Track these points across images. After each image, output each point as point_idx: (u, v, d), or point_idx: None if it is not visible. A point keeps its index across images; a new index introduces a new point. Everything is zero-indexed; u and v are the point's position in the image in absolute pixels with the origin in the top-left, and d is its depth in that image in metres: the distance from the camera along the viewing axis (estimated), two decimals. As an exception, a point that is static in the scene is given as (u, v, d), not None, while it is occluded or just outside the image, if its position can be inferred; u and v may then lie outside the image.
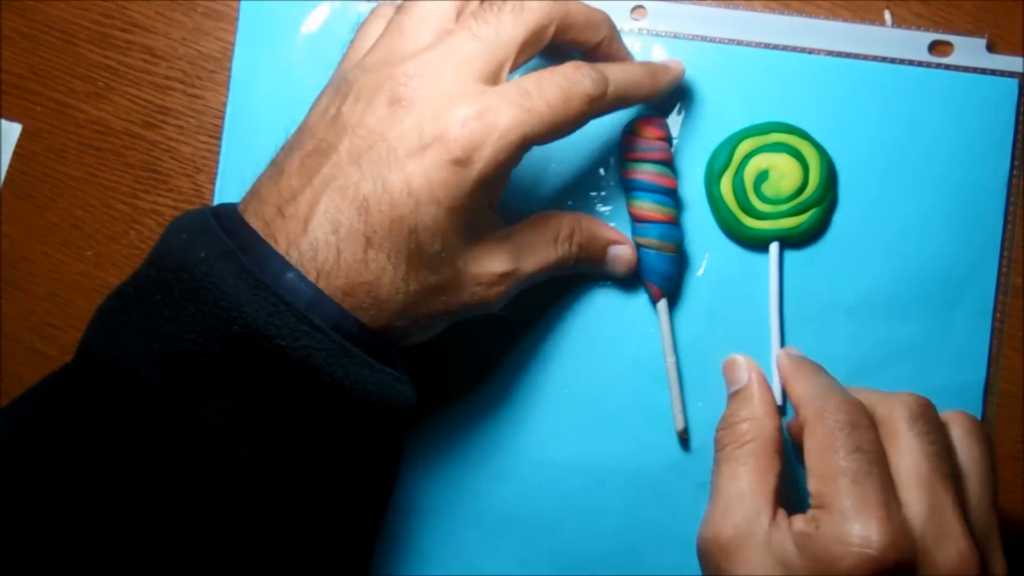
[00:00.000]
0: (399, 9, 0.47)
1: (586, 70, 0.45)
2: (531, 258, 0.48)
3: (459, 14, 0.46)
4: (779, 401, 0.52)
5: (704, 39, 0.54)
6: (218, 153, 0.56)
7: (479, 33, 0.44)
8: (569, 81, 0.44)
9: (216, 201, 0.55)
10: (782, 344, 0.52)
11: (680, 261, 0.53)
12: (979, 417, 0.52)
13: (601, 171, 0.54)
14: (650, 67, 0.50)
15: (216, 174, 0.56)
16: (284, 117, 0.55)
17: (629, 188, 0.52)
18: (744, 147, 0.53)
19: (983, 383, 0.52)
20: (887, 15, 0.54)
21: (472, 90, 0.43)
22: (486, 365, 0.53)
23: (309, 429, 0.42)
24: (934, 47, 0.54)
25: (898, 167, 0.53)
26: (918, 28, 0.54)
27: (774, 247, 0.53)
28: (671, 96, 0.54)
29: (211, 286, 0.39)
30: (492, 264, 0.46)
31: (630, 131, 0.52)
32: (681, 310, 0.53)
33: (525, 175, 0.54)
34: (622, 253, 0.51)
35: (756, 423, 0.46)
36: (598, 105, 0.45)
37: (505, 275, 0.46)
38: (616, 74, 0.46)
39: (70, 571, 0.39)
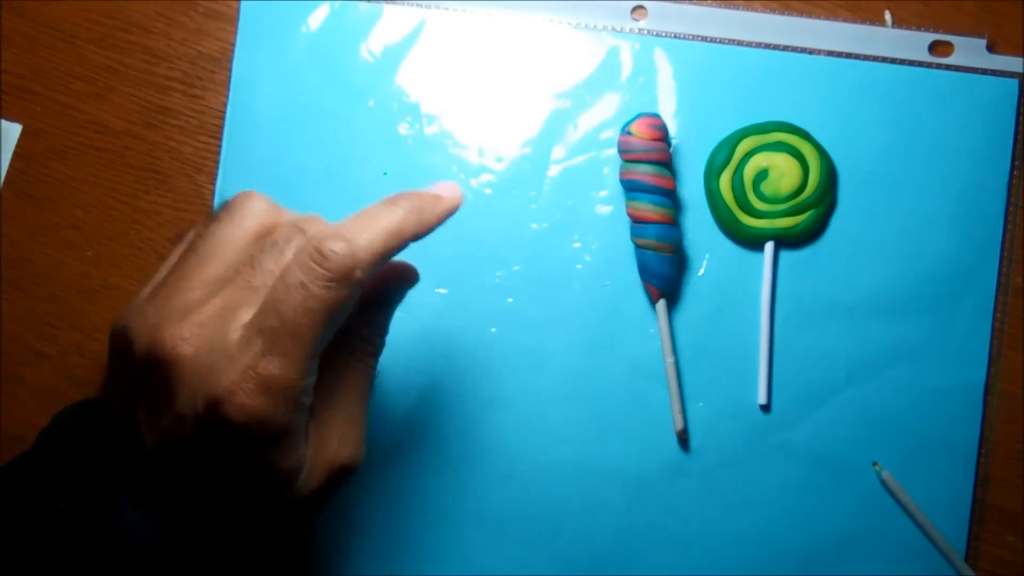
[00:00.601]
0: (189, 243, 0.43)
1: (322, 257, 0.39)
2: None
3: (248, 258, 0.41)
4: (763, 400, 0.52)
5: (704, 39, 0.54)
6: (218, 153, 0.56)
7: (253, 283, 0.40)
8: (306, 290, 0.39)
9: (216, 201, 0.55)
10: (772, 342, 0.52)
11: (678, 262, 0.53)
12: (979, 417, 0.52)
13: (604, 171, 0.54)
14: (416, 203, 0.43)
15: (216, 174, 0.56)
16: (284, 117, 0.55)
17: (627, 189, 0.52)
18: (745, 144, 0.53)
19: (983, 383, 0.52)
20: (887, 15, 0.54)
21: (242, 354, 0.39)
22: (485, 365, 0.53)
23: None
24: (934, 47, 0.54)
25: (898, 167, 0.53)
26: (918, 28, 0.54)
27: (769, 246, 0.53)
28: (671, 96, 0.54)
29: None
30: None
31: (627, 132, 0.52)
32: (681, 311, 0.53)
33: (530, 176, 0.54)
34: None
35: None
36: (355, 284, 0.40)
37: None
38: (365, 237, 0.40)
39: None
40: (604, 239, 0.54)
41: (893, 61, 0.54)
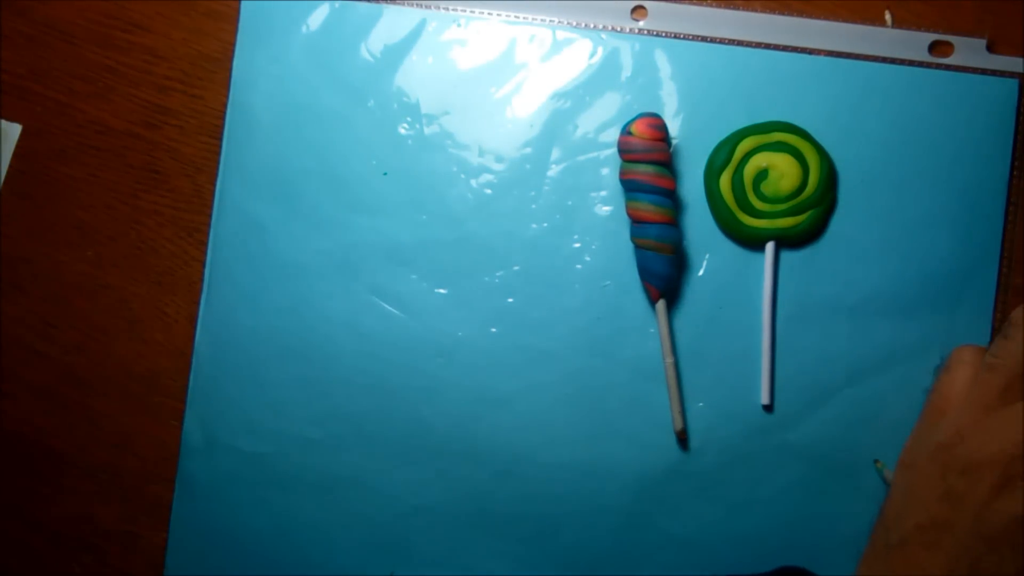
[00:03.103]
0: None
1: None
2: None
3: None
4: (767, 400, 0.52)
5: (704, 39, 0.54)
6: (218, 153, 0.56)
7: None
8: None
9: (216, 201, 0.55)
10: (773, 341, 0.52)
11: (678, 262, 0.53)
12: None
13: (604, 171, 0.54)
14: None
15: (216, 174, 0.56)
16: (284, 117, 0.55)
17: (627, 189, 0.52)
18: (745, 144, 0.53)
19: (983, 383, 0.52)
20: (887, 15, 0.54)
21: None
22: (485, 365, 0.53)
23: None
24: (934, 47, 0.54)
25: (898, 167, 0.53)
26: (918, 28, 0.54)
27: (770, 246, 0.53)
28: (671, 96, 0.54)
29: None
30: None
31: (628, 132, 0.52)
32: (681, 311, 0.53)
33: (530, 176, 0.54)
34: None
35: None
36: None
37: None
38: None
39: None
40: (604, 239, 0.54)
41: (893, 61, 0.54)
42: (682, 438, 0.52)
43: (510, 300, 0.54)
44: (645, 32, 0.55)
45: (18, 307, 0.56)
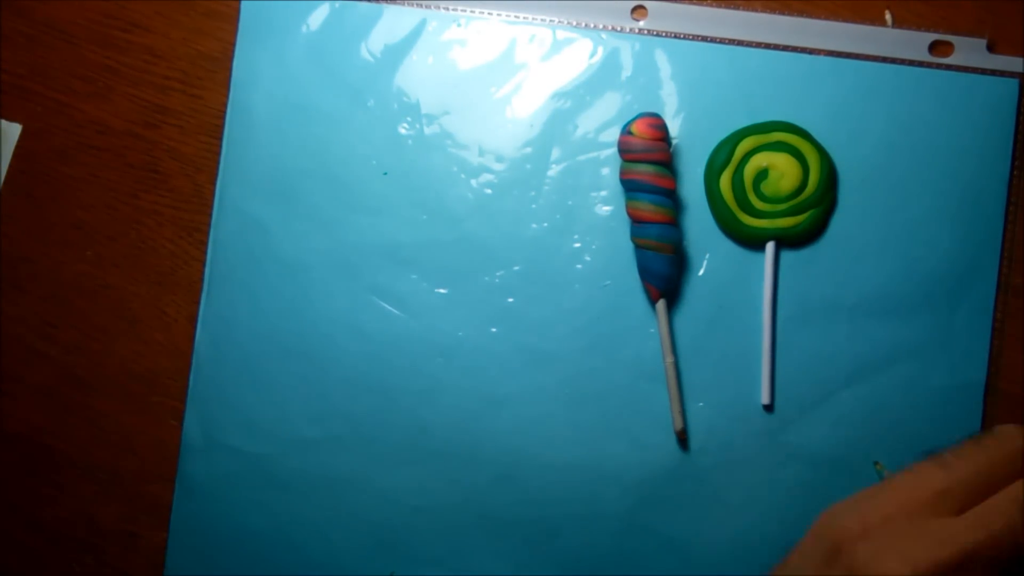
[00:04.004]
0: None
1: None
2: None
3: None
4: (767, 400, 0.52)
5: (704, 39, 0.54)
6: (218, 153, 0.56)
7: None
8: None
9: (216, 200, 0.55)
10: (774, 342, 0.52)
11: (678, 261, 0.53)
12: (979, 417, 0.52)
13: (604, 171, 0.54)
14: None
15: (216, 174, 0.56)
16: (284, 117, 0.55)
17: (627, 189, 0.52)
18: (745, 144, 0.53)
19: (983, 383, 0.52)
20: (887, 15, 0.54)
21: None
22: (485, 365, 0.53)
23: None
24: (934, 47, 0.54)
25: (898, 167, 0.53)
26: (918, 28, 0.54)
27: (770, 246, 0.53)
28: (671, 96, 0.54)
29: None
30: None
31: (628, 131, 0.52)
32: (681, 311, 0.53)
33: (530, 176, 0.54)
34: None
35: None
36: None
37: None
38: None
39: None
40: (604, 239, 0.54)
41: (893, 61, 0.54)
42: (682, 438, 0.52)
43: (510, 300, 0.54)
44: (645, 32, 0.55)
45: (18, 307, 0.56)
